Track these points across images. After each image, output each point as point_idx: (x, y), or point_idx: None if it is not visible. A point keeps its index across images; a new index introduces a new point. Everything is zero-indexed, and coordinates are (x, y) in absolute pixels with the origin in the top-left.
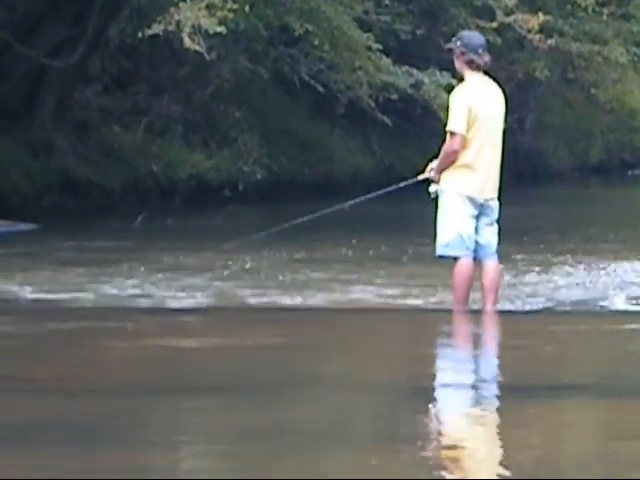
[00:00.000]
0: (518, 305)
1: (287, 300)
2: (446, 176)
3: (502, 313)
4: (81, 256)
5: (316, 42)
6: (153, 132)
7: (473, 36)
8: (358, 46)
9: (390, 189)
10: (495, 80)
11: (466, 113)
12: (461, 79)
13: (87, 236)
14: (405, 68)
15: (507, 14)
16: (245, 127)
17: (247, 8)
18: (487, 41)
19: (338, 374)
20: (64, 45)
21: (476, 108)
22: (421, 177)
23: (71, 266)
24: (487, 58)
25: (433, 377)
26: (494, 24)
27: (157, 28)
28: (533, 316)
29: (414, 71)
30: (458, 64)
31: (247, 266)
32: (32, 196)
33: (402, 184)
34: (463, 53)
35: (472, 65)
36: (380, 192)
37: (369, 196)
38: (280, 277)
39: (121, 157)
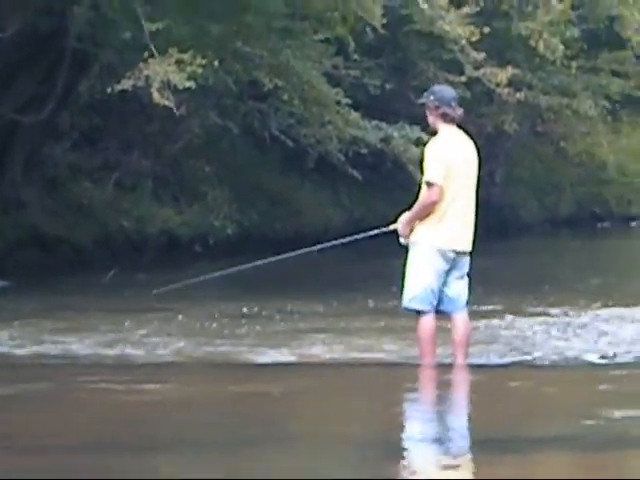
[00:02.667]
0: (490, 359)
1: (252, 355)
2: (418, 228)
3: (473, 367)
4: (63, 312)
5: (285, 97)
6: (123, 187)
7: (445, 90)
8: (327, 100)
9: (360, 236)
10: (467, 133)
11: (442, 164)
12: (433, 133)
13: (68, 291)
14: (374, 122)
15: (476, 68)
16: (215, 182)
17: (216, 63)
18: None
19: (307, 429)
20: (34, 101)
21: (451, 160)
22: (392, 227)
23: (51, 320)
24: (460, 111)
25: (402, 432)
26: (463, 78)
27: (126, 83)
28: (505, 369)
29: (383, 125)
30: (431, 118)
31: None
32: (2, 252)
33: (372, 232)
34: (437, 107)
35: (446, 118)
36: (350, 238)
37: (339, 241)
38: (241, 330)
39: (91, 213)
